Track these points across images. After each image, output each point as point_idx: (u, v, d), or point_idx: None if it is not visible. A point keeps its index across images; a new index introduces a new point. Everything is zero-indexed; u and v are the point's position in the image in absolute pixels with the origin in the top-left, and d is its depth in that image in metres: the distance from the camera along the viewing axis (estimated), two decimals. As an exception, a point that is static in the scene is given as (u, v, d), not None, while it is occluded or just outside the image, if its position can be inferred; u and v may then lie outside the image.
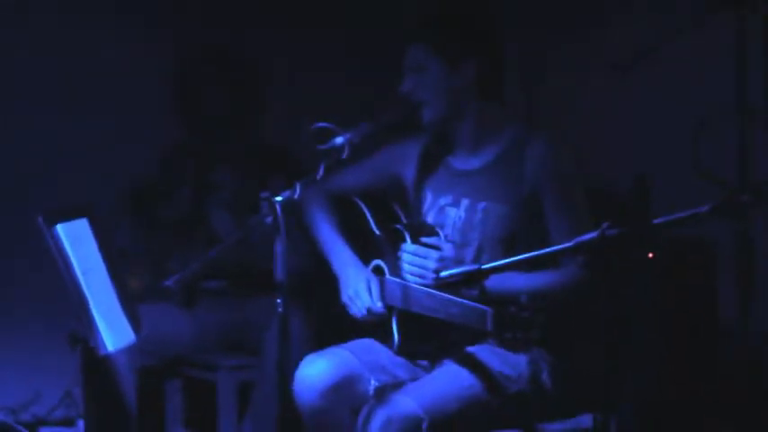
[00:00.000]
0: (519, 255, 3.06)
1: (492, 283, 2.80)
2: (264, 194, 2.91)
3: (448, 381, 3.15)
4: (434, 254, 3.19)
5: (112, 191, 4.17)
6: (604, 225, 2.35)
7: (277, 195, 2.90)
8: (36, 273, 3.84)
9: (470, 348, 3.24)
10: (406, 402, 3.05)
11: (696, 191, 3.60)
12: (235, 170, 4.10)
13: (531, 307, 2.87)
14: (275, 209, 2.89)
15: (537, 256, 2.47)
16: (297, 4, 4.73)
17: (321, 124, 3.03)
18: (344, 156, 3.07)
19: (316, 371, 3.23)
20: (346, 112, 3.18)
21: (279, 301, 2.89)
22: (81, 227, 3.22)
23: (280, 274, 2.89)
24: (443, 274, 2.59)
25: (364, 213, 3.49)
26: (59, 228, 3.13)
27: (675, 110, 3.95)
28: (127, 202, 4.17)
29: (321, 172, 3.02)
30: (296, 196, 2.93)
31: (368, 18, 4.73)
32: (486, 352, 3.22)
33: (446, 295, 3.01)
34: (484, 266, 2.48)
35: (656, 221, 2.30)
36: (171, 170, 4.18)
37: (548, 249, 2.50)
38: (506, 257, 3.10)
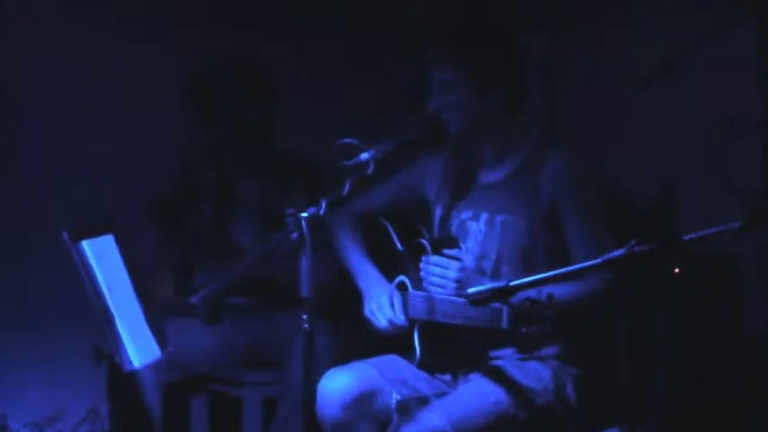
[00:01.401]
0: (538, 266, 3.17)
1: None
2: (290, 210, 2.91)
3: (474, 396, 3.17)
4: (455, 264, 3.24)
5: (136, 205, 4.17)
6: (632, 242, 2.35)
7: (303, 211, 2.91)
8: (62, 288, 3.86)
9: (494, 363, 3.26)
10: (434, 419, 3.09)
11: (721, 201, 3.61)
12: (258, 182, 4.10)
13: (545, 302, 2.91)
14: (301, 225, 2.89)
15: (565, 272, 2.45)
16: (320, 19, 4.72)
17: (346, 140, 3.03)
18: (369, 172, 3.07)
19: (338, 385, 3.26)
20: (370, 127, 3.18)
21: (304, 316, 2.89)
22: (106, 243, 3.24)
23: (305, 289, 2.89)
24: (471, 290, 2.60)
25: (388, 230, 3.52)
26: (85, 244, 3.15)
27: (700, 121, 3.94)
28: (149, 217, 4.17)
29: (347, 188, 3.03)
30: (321, 212, 2.94)
31: (396, 34, 4.72)
32: (510, 366, 3.25)
33: (464, 300, 3.07)
34: (511, 283, 2.49)
35: (685, 238, 2.29)
36: (193, 183, 4.18)
37: (575, 266, 2.50)
38: (525, 268, 3.24)
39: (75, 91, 4.55)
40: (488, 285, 2.68)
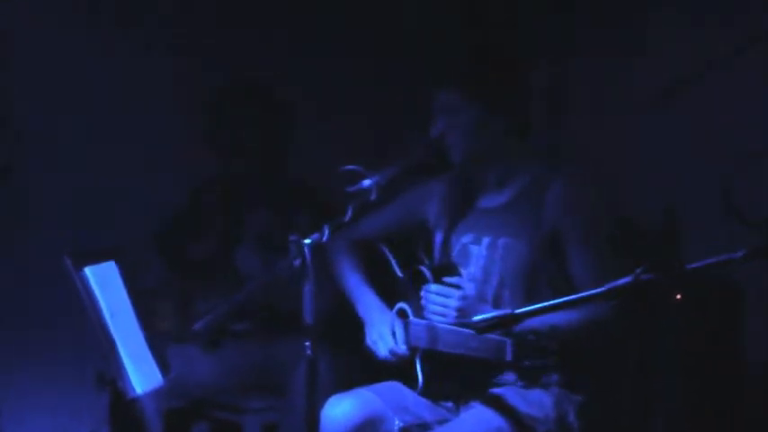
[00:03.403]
0: (540, 291, 3.18)
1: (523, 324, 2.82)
2: (293, 237, 2.91)
3: (476, 424, 3.17)
4: (456, 293, 3.23)
5: (140, 232, 4.17)
6: (638, 270, 2.34)
7: (306, 238, 2.91)
8: (63, 312, 3.84)
9: (496, 390, 3.25)
10: None
11: (724, 227, 3.61)
12: (264, 210, 4.11)
13: (548, 335, 2.95)
14: (304, 252, 2.90)
15: (569, 300, 2.45)
16: (324, 47, 4.73)
17: (349, 167, 3.04)
18: (372, 198, 3.07)
19: (340, 411, 3.26)
20: (370, 152, 3.19)
21: (307, 343, 2.89)
22: (109, 269, 3.24)
23: (308, 316, 2.89)
24: (477, 318, 2.60)
25: (387, 257, 3.53)
26: (88, 270, 3.15)
27: (703, 147, 3.94)
28: (155, 244, 4.18)
29: (349, 214, 3.03)
30: (324, 239, 2.94)
31: (395, 59, 4.73)
32: (512, 394, 3.23)
33: (467, 331, 3.09)
34: (517, 311, 2.49)
35: (690, 266, 2.29)
36: (198, 210, 4.18)
37: (580, 294, 2.49)
38: (528, 294, 3.24)
39: (79, 115, 4.54)
40: (494, 313, 2.67)
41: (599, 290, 2.40)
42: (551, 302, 2.49)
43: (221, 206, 4.16)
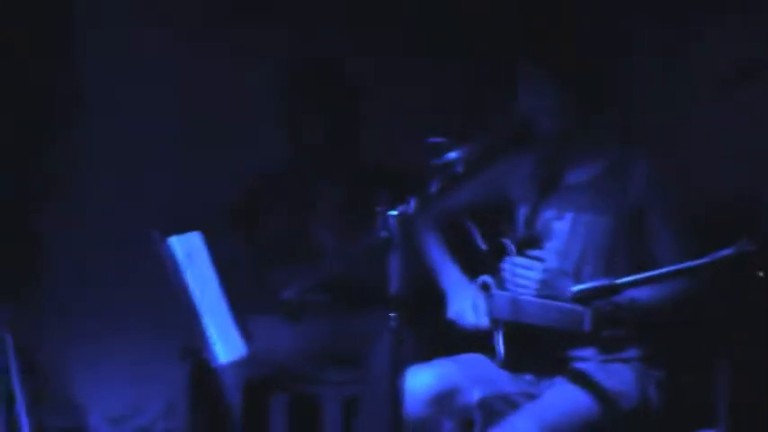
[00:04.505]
0: (619, 268, 3.16)
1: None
2: (380, 209, 2.91)
3: (565, 402, 3.17)
4: (539, 265, 3.23)
5: (215, 205, 4.19)
6: (742, 242, 2.31)
7: (392, 210, 2.91)
8: (142, 285, 3.89)
9: (578, 365, 3.25)
10: (526, 426, 3.09)
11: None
12: (336, 185, 4.12)
13: (627, 308, 2.93)
14: (390, 224, 2.90)
15: (669, 272, 2.43)
16: (400, 21, 4.72)
17: (435, 139, 3.03)
18: (458, 171, 3.06)
19: (419, 382, 3.27)
20: (450, 127, 3.17)
21: (393, 315, 2.89)
22: (194, 240, 3.27)
23: (393, 288, 2.89)
24: (576, 288, 2.59)
25: (471, 229, 3.52)
26: (173, 240, 3.18)
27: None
28: (228, 218, 4.20)
29: (435, 187, 3.02)
30: (410, 211, 2.93)
31: (484, 35, 4.70)
32: (594, 369, 3.23)
33: (547, 301, 3.11)
34: (617, 281, 2.47)
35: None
36: (272, 184, 4.20)
37: (680, 265, 2.47)
38: (607, 270, 3.21)
39: (153, 92, 4.58)
40: (594, 283, 2.67)
41: (701, 261, 2.38)
42: (651, 273, 2.47)
43: (292, 184, 4.17)
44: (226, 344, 3.21)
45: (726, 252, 2.33)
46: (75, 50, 4.58)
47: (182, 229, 3.31)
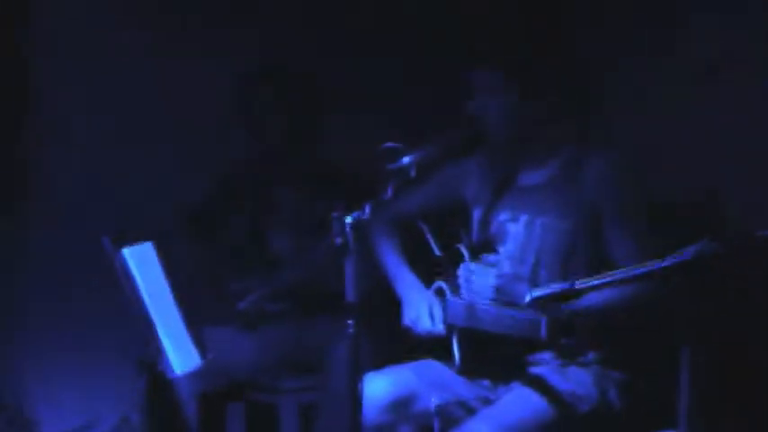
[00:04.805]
0: (576, 271, 3.14)
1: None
2: (335, 215, 2.89)
3: (523, 406, 3.15)
4: (492, 271, 3.21)
5: (168, 214, 4.16)
6: (703, 241, 2.30)
7: (347, 216, 2.89)
8: (100, 295, 3.84)
9: (536, 370, 3.24)
10: (482, 430, 3.07)
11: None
12: (293, 190, 4.09)
13: (583, 313, 2.92)
14: (345, 230, 2.88)
15: (629, 274, 2.42)
16: (358, 21, 4.70)
17: (390, 144, 3.02)
18: (412, 175, 3.05)
19: (376, 388, 3.25)
20: (404, 131, 3.16)
21: (350, 322, 2.87)
22: (146, 250, 3.23)
23: (350, 294, 2.87)
24: (536, 292, 2.58)
25: (425, 234, 3.51)
26: (126, 251, 3.14)
27: (754, 120, 3.88)
28: (184, 225, 4.17)
29: (389, 192, 3.01)
30: (365, 217, 2.92)
31: (429, 36, 4.69)
32: (551, 373, 3.22)
33: (503, 308, 3.09)
34: (576, 285, 2.46)
35: (763, 233, 2.23)
36: (230, 191, 4.17)
37: (642, 269, 2.45)
38: (564, 273, 3.20)
39: (107, 94, 4.54)
40: (553, 287, 2.66)
41: (663, 263, 2.36)
42: (611, 276, 2.45)
43: (250, 188, 4.14)
44: (180, 355, 3.17)
45: (687, 253, 2.31)
46: (37, 51, 4.53)
47: (137, 237, 3.27)
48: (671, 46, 4.08)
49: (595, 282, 2.48)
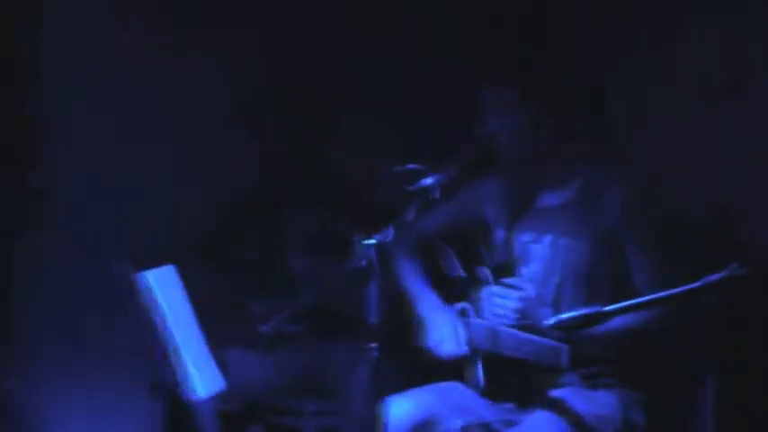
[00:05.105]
0: (601, 294, 3.12)
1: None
2: (358, 238, 2.88)
3: (545, 429, 3.13)
4: (515, 294, 3.20)
5: (184, 238, 4.15)
6: (733, 265, 2.29)
7: (370, 238, 2.88)
8: (110, 323, 3.84)
9: (559, 392, 3.22)
10: None
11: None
12: (312, 210, 4.09)
13: (606, 338, 2.89)
14: (369, 252, 2.87)
15: (657, 298, 2.40)
16: (375, 42, 4.70)
17: (410, 166, 3.01)
18: (434, 197, 3.04)
19: (399, 411, 3.22)
20: (427, 151, 3.15)
21: (372, 345, 2.86)
22: (168, 273, 3.23)
23: (373, 317, 2.86)
24: (563, 316, 2.57)
25: (448, 255, 3.49)
26: (149, 275, 3.14)
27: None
28: (200, 249, 4.17)
29: (412, 214, 2.99)
30: (388, 239, 2.91)
31: (453, 56, 4.69)
32: (575, 395, 3.20)
33: (525, 334, 3.08)
34: (605, 309, 2.44)
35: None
36: (242, 214, 4.17)
37: (669, 292, 2.43)
38: (588, 296, 3.17)
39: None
40: (581, 311, 2.64)
41: (690, 286, 2.35)
42: (638, 300, 2.44)
43: (264, 209, 4.14)
44: (203, 378, 3.17)
45: (716, 277, 2.30)
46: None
47: (155, 260, 3.27)
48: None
49: (620, 306, 2.46)
